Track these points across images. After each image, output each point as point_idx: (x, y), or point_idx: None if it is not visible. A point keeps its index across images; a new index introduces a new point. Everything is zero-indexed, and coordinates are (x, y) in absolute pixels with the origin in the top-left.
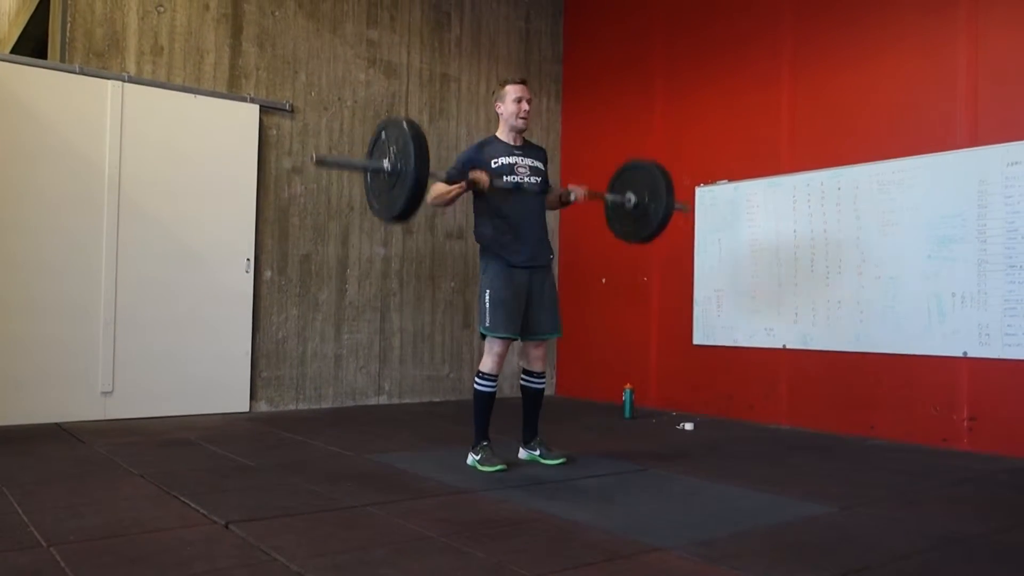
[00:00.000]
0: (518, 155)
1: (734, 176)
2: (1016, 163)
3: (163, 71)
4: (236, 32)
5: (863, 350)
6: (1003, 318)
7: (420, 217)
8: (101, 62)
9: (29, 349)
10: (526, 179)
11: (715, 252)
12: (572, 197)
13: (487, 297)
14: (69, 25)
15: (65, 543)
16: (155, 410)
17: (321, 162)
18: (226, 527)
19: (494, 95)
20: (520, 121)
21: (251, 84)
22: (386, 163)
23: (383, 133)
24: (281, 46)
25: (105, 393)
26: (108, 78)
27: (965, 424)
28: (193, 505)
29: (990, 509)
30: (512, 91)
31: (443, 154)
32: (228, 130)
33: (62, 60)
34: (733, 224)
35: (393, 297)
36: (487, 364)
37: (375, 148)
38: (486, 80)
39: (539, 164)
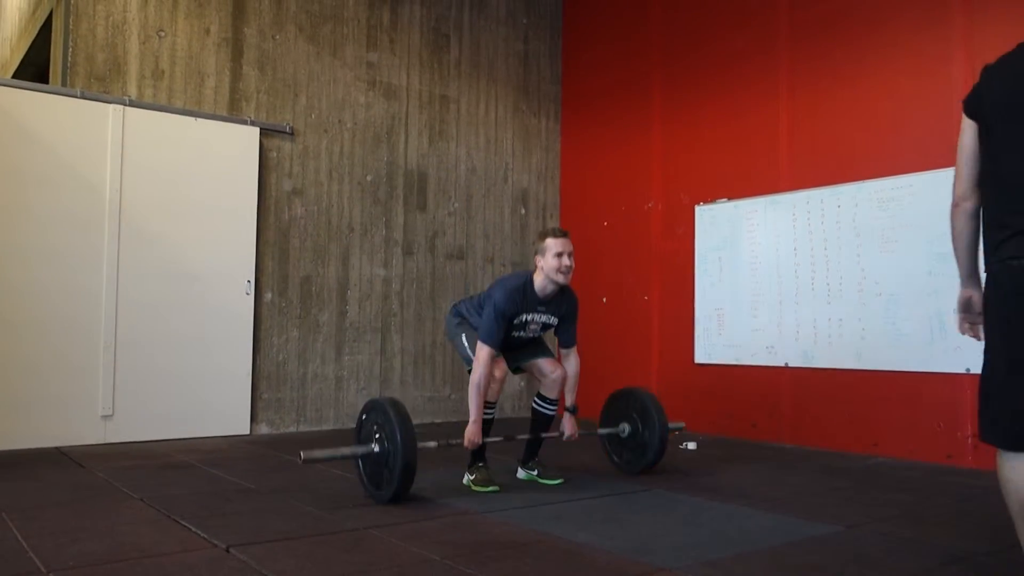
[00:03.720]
0: (542, 311)
1: (733, 194)
2: None
3: (164, 95)
4: (236, 56)
5: (865, 367)
6: None
7: (420, 238)
8: (102, 86)
9: (29, 373)
10: (526, 332)
11: (715, 270)
12: (564, 437)
13: (463, 338)
14: (71, 50)
15: (65, 569)
16: (155, 433)
17: (310, 460)
18: (227, 551)
19: (534, 245)
20: (560, 276)
21: (251, 107)
22: (374, 447)
23: (366, 416)
24: (281, 69)
25: (105, 417)
26: (109, 102)
27: (969, 441)
28: (194, 529)
29: (997, 526)
30: (553, 246)
31: (442, 174)
32: (228, 152)
33: (63, 85)
34: (733, 242)
35: (394, 318)
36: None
37: (361, 431)
38: (485, 101)
39: (552, 319)
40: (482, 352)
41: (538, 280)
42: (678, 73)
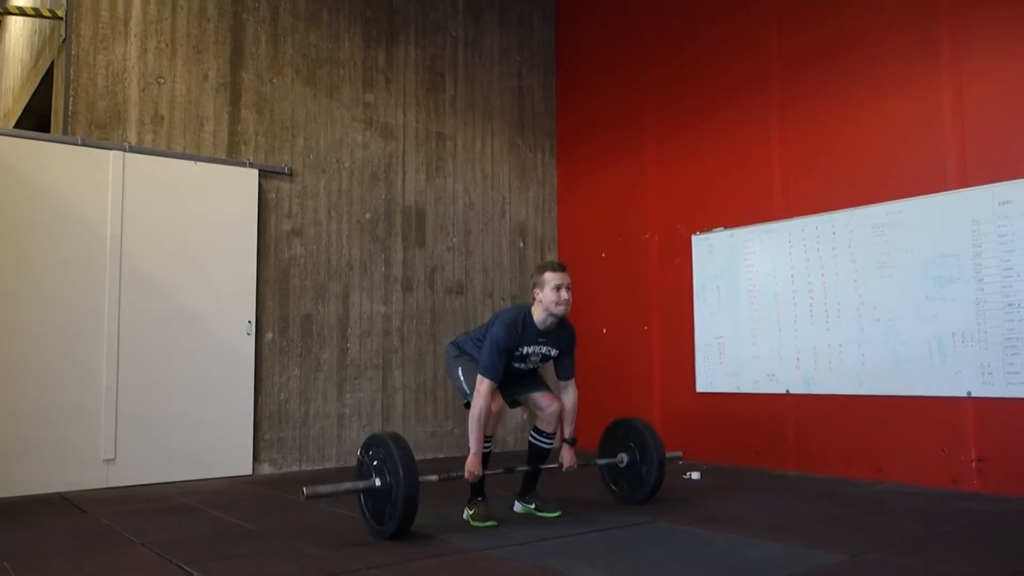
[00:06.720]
0: (542, 343)
1: (729, 224)
2: (1007, 202)
3: (163, 139)
4: (235, 99)
5: (867, 393)
6: (1004, 357)
7: (419, 274)
8: (103, 133)
9: (31, 419)
10: (526, 364)
11: (714, 299)
12: (564, 468)
13: (460, 371)
14: (71, 99)
15: None
16: (158, 476)
17: (314, 496)
18: None
19: (532, 279)
20: (559, 308)
21: (250, 149)
22: (376, 481)
23: (369, 452)
24: (279, 111)
25: (108, 461)
26: (110, 148)
27: (973, 465)
28: (195, 574)
29: (1003, 552)
30: (551, 279)
31: (440, 210)
32: (228, 194)
33: (64, 133)
34: (731, 271)
35: (395, 354)
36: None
37: (363, 466)
38: (481, 137)
39: (552, 351)
40: (483, 385)
41: (537, 313)
42: (672, 105)
